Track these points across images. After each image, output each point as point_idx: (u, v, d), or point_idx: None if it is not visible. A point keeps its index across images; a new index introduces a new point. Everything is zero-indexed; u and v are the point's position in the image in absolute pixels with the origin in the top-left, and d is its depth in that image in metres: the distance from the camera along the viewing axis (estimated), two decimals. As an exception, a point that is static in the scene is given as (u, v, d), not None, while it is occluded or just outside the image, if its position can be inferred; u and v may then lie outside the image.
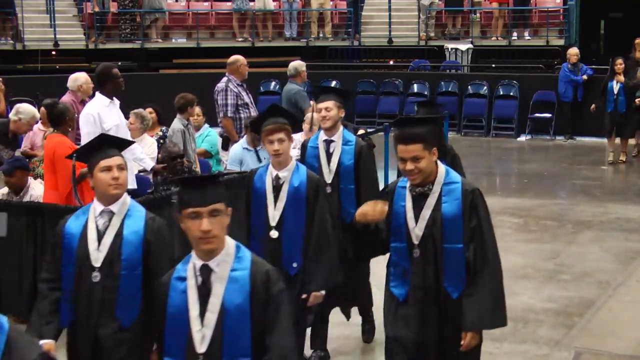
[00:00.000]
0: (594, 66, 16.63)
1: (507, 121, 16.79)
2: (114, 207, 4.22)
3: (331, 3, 20.83)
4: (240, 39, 20.12)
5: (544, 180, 12.36)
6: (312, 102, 10.68)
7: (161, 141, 9.49)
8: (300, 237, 5.19)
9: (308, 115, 9.83)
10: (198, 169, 8.93)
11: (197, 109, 9.84)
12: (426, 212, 4.31)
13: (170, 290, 3.51)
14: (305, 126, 9.64)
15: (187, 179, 3.62)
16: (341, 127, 6.20)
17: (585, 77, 15.49)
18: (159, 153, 9.19)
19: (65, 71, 12.79)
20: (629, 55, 14.37)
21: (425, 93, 17.36)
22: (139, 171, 8.57)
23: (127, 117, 8.72)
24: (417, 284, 4.36)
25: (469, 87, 17.14)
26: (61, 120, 7.16)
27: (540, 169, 13.07)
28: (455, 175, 4.38)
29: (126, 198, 4.30)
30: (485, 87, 17.00)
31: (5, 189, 7.45)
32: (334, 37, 20.65)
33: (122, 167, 4.24)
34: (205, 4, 21.26)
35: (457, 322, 4.29)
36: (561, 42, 19.02)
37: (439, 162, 4.36)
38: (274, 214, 5.17)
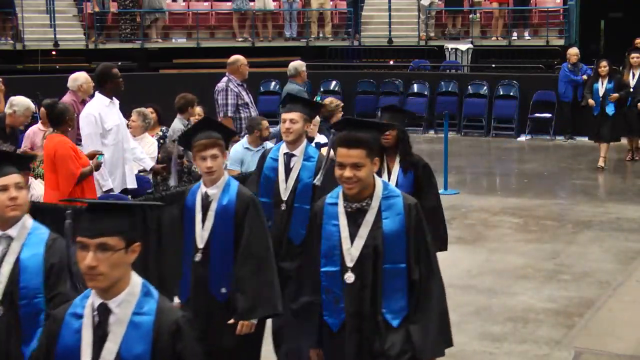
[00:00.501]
0: (593, 66, 16.62)
1: (507, 121, 16.79)
2: (12, 231, 3.80)
3: (331, 3, 20.83)
4: (240, 39, 20.12)
5: (544, 180, 12.36)
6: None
7: (161, 141, 9.50)
8: (230, 260, 4.68)
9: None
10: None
11: (198, 109, 9.85)
12: (364, 231, 3.87)
13: (62, 328, 3.04)
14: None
15: (91, 203, 3.10)
16: (305, 141, 5.79)
17: (585, 77, 15.45)
18: (159, 153, 9.20)
19: (65, 71, 12.78)
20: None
21: (425, 93, 17.37)
22: (139, 171, 8.57)
23: (127, 117, 8.73)
24: (352, 311, 3.88)
25: (469, 87, 17.14)
26: (61, 120, 7.16)
27: (540, 169, 13.07)
28: (394, 189, 4.01)
29: (27, 220, 3.85)
30: (485, 87, 17.00)
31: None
32: (334, 37, 20.65)
33: (21, 186, 3.79)
34: (205, 4, 21.26)
35: (398, 352, 3.86)
36: (561, 42, 19.02)
37: (375, 175, 3.97)
38: (202, 234, 4.71)
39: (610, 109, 13.03)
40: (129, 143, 8.01)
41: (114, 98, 7.77)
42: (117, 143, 7.72)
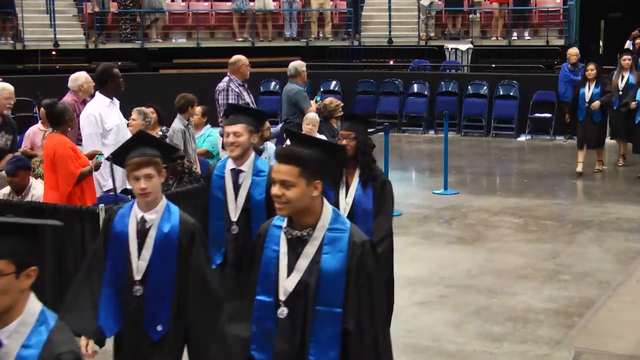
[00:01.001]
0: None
1: (507, 121, 16.79)
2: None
3: (331, 3, 20.83)
4: (240, 39, 20.12)
5: (544, 180, 12.36)
6: (312, 102, 10.74)
7: (161, 141, 9.50)
8: (169, 296, 4.16)
9: (309, 115, 9.87)
10: (198, 169, 8.94)
11: (199, 109, 9.84)
12: (302, 263, 3.40)
13: None
14: (306, 127, 9.68)
15: None
16: (252, 155, 5.33)
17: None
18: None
19: (65, 71, 12.79)
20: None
21: (425, 93, 17.37)
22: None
23: (127, 118, 8.73)
24: (281, 350, 3.45)
25: (469, 87, 17.14)
26: (60, 120, 7.17)
27: (540, 169, 13.07)
28: (344, 222, 3.46)
29: None
30: (485, 87, 17.00)
31: (7, 189, 7.45)
32: (334, 37, 20.65)
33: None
34: (205, 4, 21.27)
35: None
36: (561, 42, 19.03)
37: (326, 203, 3.46)
38: (138, 264, 4.16)
39: (596, 115, 12.54)
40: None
41: (114, 98, 7.78)
42: (118, 143, 7.70)
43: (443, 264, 8.42)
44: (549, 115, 16.19)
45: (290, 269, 3.42)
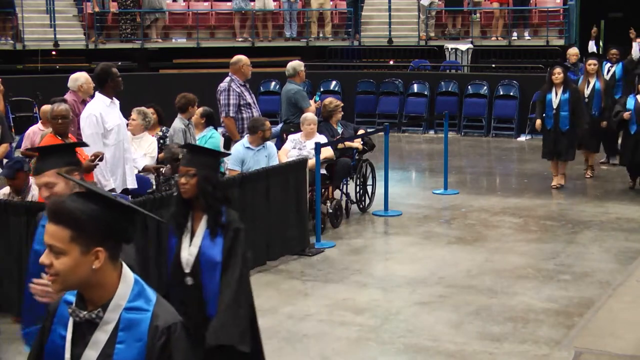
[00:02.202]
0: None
1: (507, 121, 16.80)
2: None
3: (331, 3, 20.83)
4: (240, 39, 20.13)
5: (544, 180, 12.35)
6: (312, 102, 10.75)
7: (161, 141, 9.51)
8: None
9: (307, 115, 9.87)
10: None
11: (199, 110, 9.85)
12: (91, 355, 2.60)
13: None
14: (307, 127, 9.69)
15: None
16: None
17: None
18: (159, 152, 9.21)
19: (65, 71, 12.80)
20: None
21: (425, 93, 17.38)
22: (139, 171, 8.59)
23: (127, 118, 8.74)
24: None
25: (469, 87, 17.14)
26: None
27: (540, 169, 13.05)
28: (148, 298, 2.65)
29: None
30: (485, 87, 17.00)
31: (7, 189, 7.46)
32: (334, 37, 20.66)
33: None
34: (205, 4, 21.27)
35: None
36: (561, 42, 19.03)
37: (126, 272, 2.65)
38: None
39: (564, 123, 11.45)
40: (129, 143, 8.03)
41: (114, 98, 7.78)
42: (118, 143, 7.74)
43: (443, 264, 8.42)
44: (549, 115, 16.17)
45: None
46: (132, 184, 7.88)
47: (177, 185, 4.47)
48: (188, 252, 4.43)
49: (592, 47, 15.22)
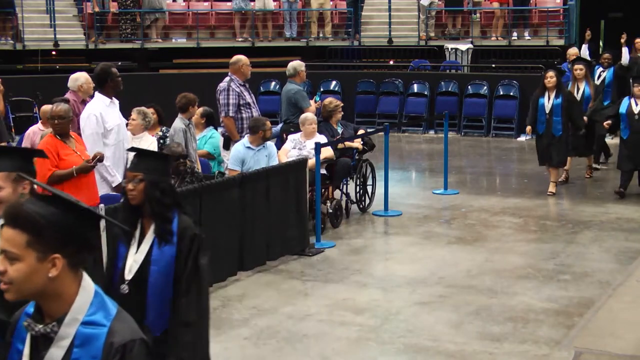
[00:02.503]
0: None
1: (507, 121, 16.80)
2: None
3: (331, 3, 20.84)
4: (240, 39, 20.14)
5: (544, 180, 12.34)
6: (312, 102, 10.75)
7: (161, 141, 9.50)
8: None
9: (308, 115, 9.87)
10: (199, 169, 8.95)
11: (200, 110, 9.85)
12: None
13: None
14: (309, 127, 9.68)
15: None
16: None
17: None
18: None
19: (65, 71, 12.80)
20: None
21: (425, 93, 17.38)
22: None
23: (127, 118, 8.74)
24: None
25: (469, 87, 17.15)
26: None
27: (540, 169, 13.04)
28: (108, 311, 2.49)
29: None
30: (485, 87, 17.00)
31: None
32: (334, 37, 20.67)
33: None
34: (205, 4, 21.27)
35: None
36: (561, 42, 19.04)
37: (86, 284, 2.50)
38: None
39: (556, 128, 11.15)
40: (129, 143, 8.04)
41: (114, 98, 7.78)
42: (119, 143, 7.75)
43: (443, 264, 8.42)
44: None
45: None
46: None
47: (125, 191, 4.24)
48: (133, 259, 4.19)
49: (584, 51, 14.80)
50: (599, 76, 13.06)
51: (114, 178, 7.59)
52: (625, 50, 14.68)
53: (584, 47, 15.19)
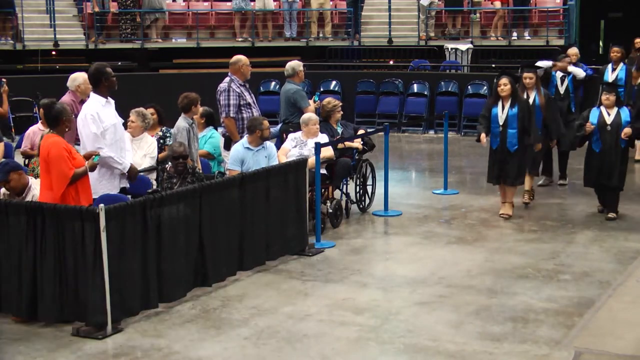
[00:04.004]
0: (594, 66, 16.61)
1: (507, 121, 16.76)
2: None
3: (331, 3, 20.85)
4: (240, 39, 20.15)
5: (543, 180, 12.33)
6: (311, 102, 10.74)
7: (161, 141, 9.50)
8: None
9: (312, 115, 9.86)
10: (200, 169, 8.95)
11: (200, 110, 9.84)
12: None
13: None
14: (312, 127, 9.67)
15: None
16: None
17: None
18: (159, 153, 9.21)
19: (65, 71, 12.79)
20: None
21: (425, 93, 17.38)
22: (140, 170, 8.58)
23: (127, 117, 8.74)
24: None
25: (469, 87, 17.14)
26: (57, 121, 7.15)
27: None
28: None
29: None
30: (485, 87, 16.99)
31: (3, 190, 7.45)
32: (334, 37, 20.67)
33: None
34: (205, 4, 21.28)
35: None
36: (561, 42, 19.04)
37: None
38: None
39: (511, 143, 9.92)
40: (125, 142, 8.04)
41: (109, 97, 7.78)
42: (115, 142, 7.74)
43: (443, 264, 8.41)
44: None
45: None
46: (124, 183, 7.91)
47: None
48: None
49: (544, 62, 11.90)
50: (562, 82, 11.76)
51: (124, 164, 7.69)
52: (572, 68, 12.92)
53: (544, 62, 12.01)
